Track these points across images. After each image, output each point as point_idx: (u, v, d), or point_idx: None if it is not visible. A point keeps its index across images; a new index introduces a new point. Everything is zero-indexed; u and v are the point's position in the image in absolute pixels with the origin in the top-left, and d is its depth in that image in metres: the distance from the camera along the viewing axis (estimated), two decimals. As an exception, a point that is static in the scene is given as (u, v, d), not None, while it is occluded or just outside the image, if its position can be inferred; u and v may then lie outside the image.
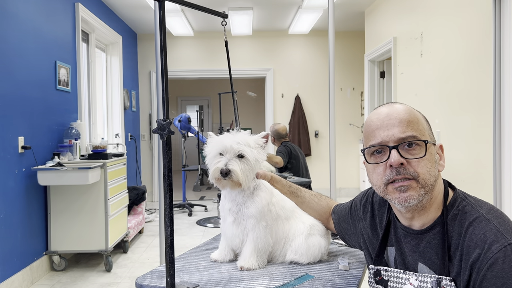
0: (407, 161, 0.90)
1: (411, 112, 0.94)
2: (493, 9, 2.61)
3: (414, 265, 0.96)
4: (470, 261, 0.84)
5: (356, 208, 1.20)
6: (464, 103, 2.99)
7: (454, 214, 0.91)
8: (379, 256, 1.04)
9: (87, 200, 3.25)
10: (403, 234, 0.99)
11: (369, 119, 0.98)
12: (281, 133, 4.38)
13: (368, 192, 1.17)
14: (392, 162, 0.90)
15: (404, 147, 0.91)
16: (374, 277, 1.03)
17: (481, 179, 2.77)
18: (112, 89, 5.19)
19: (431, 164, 0.91)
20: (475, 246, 0.84)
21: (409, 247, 0.97)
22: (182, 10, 5.02)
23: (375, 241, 1.08)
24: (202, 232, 4.52)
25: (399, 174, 0.90)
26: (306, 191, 1.38)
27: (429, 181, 0.90)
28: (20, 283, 2.85)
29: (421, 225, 0.95)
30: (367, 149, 0.96)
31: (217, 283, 1.13)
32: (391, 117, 0.93)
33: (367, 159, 0.96)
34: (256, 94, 7.87)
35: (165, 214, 1.09)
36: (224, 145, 1.20)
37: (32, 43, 3.13)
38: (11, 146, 2.81)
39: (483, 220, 0.86)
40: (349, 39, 6.33)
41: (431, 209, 0.94)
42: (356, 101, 6.43)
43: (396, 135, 0.91)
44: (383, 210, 1.08)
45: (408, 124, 0.91)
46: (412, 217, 0.95)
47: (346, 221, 1.23)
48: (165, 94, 1.10)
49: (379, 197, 1.11)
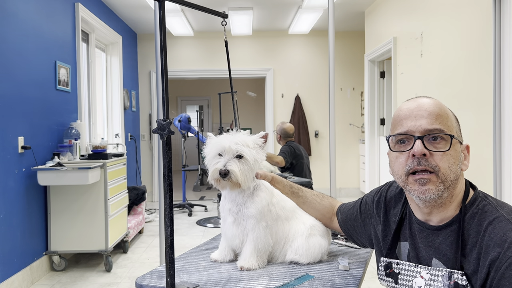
0: (430, 153, 0.90)
1: (442, 107, 0.95)
2: (493, 9, 2.62)
3: (428, 260, 0.96)
4: (489, 259, 0.84)
5: (367, 205, 1.20)
6: (464, 103, 2.99)
7: (473, 213, 0.91)
8: (391, 249, 1.05)
9: (87, 200, 3.25)
10: (418, 229, 0.99)
11: (399, 109, 0.98)
12: (289, 133, 4.36)
13: (382, 189, 1.18)
14: (415, 151, 0.90)
15: (429, 139, 0.91)
16: (385, 269, 1.04)
17: (481, 179, 2.77)
18: (112, 89, 5.19)
19: (453, 161, 0.91)
20: (494, 244, 0.84)
21: (424, 242, 0.97)
22: (182, 10, 5.02)
23: (388, 236, 1.08)
24: (202, 232, 4.52)
25: (420, 165, 0.90)
26: (308, 191, 1.37)
27: (449, 177, 0.90)
28: (20, 283, 2.85)
29: (438, 221, 0.95)
30: (392, 136, 0.96)
31: (217, 283, 1.13)
32: (421, 109, 0.93)
33: (391, 147, 0.97)
34: (256, 94, 7.87)
35: (165, 214, 1.09)
36: (223, 145, 1.20)
37: (32, 43, 3.13)
38: (11, 146, 2.81)
39: (503, 220, 0.86)
40: (349, 39, 6.33)
41: (451, 207, 0.94)
42: (356, 101, 6.43)
43: (423, 126, 0.91)
44: (398, 204, 1.08)
45: (437, 118, 0.92)
46: (430, 212, 0.95)
47: (355, 219, 1.23)
48: (165, 94, 1.10)
49: (394, 192, 1.12)
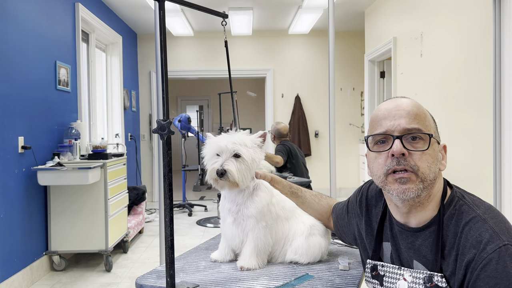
0: (409, 152, 0.90)
1: (419, 107, 0.95)
2: (493, 9, 2.61)
3: (410, 262, 0.97)
4: (465, 261, 0.84)
5: (352, 204, 1.21)
6: (464, 103, 2.99)
7: (451, 214, 0.91)
8: (376, 251, 1.05)
9: (87, 200, 3.25)
10: (398, 231, 0.99)
11: (377, 109, 0.98)
12: (282, 133, 4.39)
13: (362, 187, 1.18)
14: (394, 151, 0.90)
15: (408, 139, 0.91)
16: (371, 271, 1.04)
17: (482, 178, 2.77)
18: (112, 89, 5.19)
19: (432, 160, 0.91)
20: (470, 246, 0.84)
21: (405, 244, 0.98)
22: (182, 10, 5.02)
23: (371, 236, 1.09)
24: (202, 232, 4.52)
25: (400, 165, 0.90)
26: (307, 191, 1.38)
27: (428, 176, 0.90)
28: (20, 283, 2.85)
29: (417, 222, 0.95)
30: (371, 136, 0.96)
31: (217, 283, 1.13)
32: (399, 108, 0.94)
33: (370, 147, 0.97)
34: (256, 94, 7.87)
35: (165, 214, 1.09)
36: (220, 145, 1.21)
37: (32, 43, 3.13)
38: (11, 146, 2.81)
39: (479, 220, 0.86)
40: (349, 39, 6.33)
41: (429, 207, 0.94)
42: (356, 101, 6.43)
43: (402, 125, 0.91)
44: (379, 203, 1.08)
45: (415, 117, 0.92)
46: (409, 212, 0.95)
47: (343, 218, 1.24)
48: (165, 94, 1.10)
49: (374, 191, 1.12)
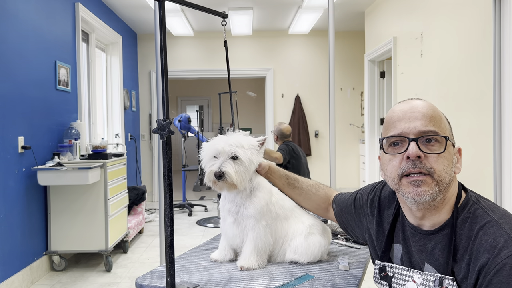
0: (425, 155, 0.89)
1: (435, 109, 0.94)
2: (493, 9, 2.61)
3: (421, 265, 0.96)
4: (478, 266, 0.82)
5: (361, 201, 1.18)
6: (464, 103, 2.99)
7: (465, 217, 0.90)
8: (385, 252, 1.04)
9: (87, 200, 3.25)
10: (411, 233, 0.98)
11: (392, 111, 0.97)
12: (285, 133, 4.41)
13: (376, 187, 1.15)
14: (409, 153, 0.88)
15: (423, 141, 0.90)
16: (379, 272, 1.03)
17: (481, 179, 2.77)
18: (112, 89, 5.19)
19: (448, 163, 0.90)
20: (484, 250, 0.82)
21: (417, 247, 0.96)
22: (182, 10, 5.02)
23: (381, 237, 1.07)
24: (202, 232, 4.52)
25: (415, 167, 0.88)
26: (304, 181, 1.36)
27: (444, 179, 0.89)
28: (20, 283, 2.85)
29: (431, 225, 0.94)
30: (386, 138, 0.94)
31: (217, 283, 1.13)
32: (414, 110, 0.92)
33: (384, 149, 0.95)
34: (256, 94, 7.87)
35: (165, 214, 1.09)
36: (217, 148, 1.21)
37: (32, 43, 3.13)
38: (11, 146, 2.81)
39: (494, 225, 0.85)
40: (349, 39, 6.33)
41: (443, 210, 0.92)
42: (356, 101, 6.43)
43: (418, 127, 0.90)
44: (392, 205, 1.07)
45: (431, 119, 0.91)
46: (423, 216, 0.94)
47: (349, 212, 1.22)
48: (165, 94, 1.11)
49: (388, 193, 1.10)
